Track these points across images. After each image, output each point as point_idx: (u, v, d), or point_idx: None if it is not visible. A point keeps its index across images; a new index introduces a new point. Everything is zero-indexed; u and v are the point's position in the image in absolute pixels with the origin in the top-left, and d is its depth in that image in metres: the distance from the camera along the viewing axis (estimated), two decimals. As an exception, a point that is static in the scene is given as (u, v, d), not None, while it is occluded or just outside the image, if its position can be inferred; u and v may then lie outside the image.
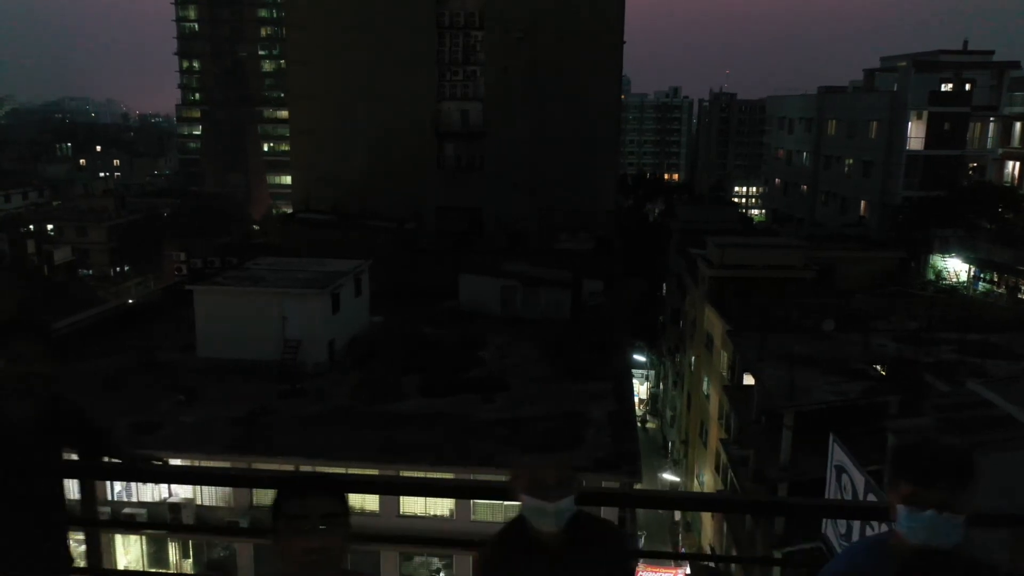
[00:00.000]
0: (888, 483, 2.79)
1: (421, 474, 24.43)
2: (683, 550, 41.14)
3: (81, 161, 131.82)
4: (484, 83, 54.16)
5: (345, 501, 2.82)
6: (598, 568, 3.04)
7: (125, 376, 30.34)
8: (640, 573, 38.64)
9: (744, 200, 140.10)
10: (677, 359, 51.75)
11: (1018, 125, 52.35)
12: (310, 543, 2.65)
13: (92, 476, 4.51)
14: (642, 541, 39.64)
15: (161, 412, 27.22)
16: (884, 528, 3.07)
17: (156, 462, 4.17)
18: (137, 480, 19.09)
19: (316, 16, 53.24)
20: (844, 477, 17.18)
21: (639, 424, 61.01)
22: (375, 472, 24.28)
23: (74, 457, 3.93)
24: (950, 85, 53.46)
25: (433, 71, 53.97)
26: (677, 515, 46.75)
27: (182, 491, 24.77)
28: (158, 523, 22.70)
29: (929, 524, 2.63)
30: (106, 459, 4.09)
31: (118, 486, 24.45)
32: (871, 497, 15.95)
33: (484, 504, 24.78)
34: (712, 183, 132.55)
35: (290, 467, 23.97)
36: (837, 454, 17.60)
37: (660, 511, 48.28)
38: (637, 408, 63.44)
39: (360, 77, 53.15)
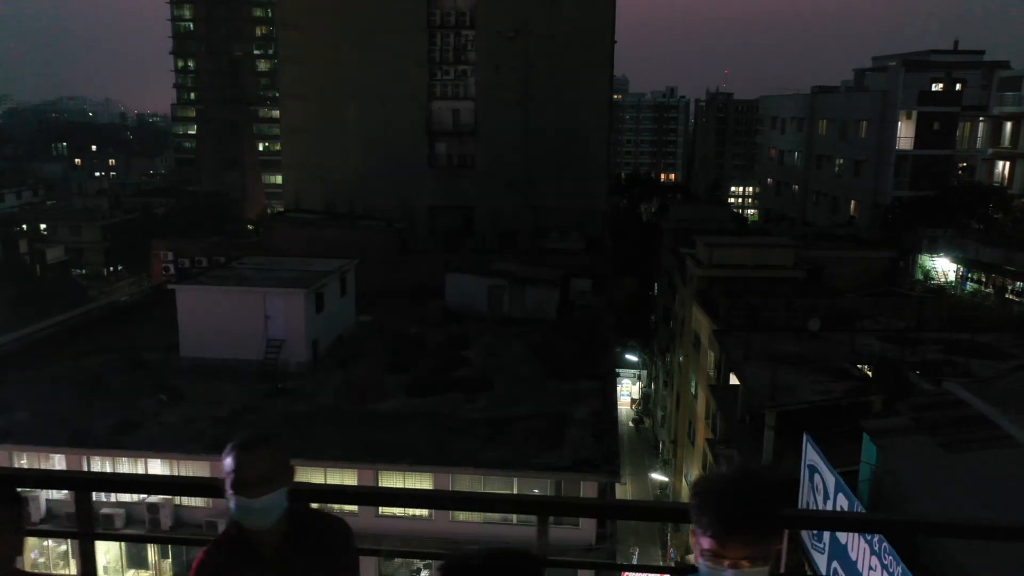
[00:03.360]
0: (694, 531, 2.35)
1: (400, 474, 24.41)
2: (672, 551, 41.16)
3: (77, 160, 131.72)
4: (475, 82, 54.10)
5: (12, 503, 2.64)
6: (318, 563, 2.92)
7: (109, 375, 30.33)
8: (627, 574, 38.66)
9: (741, 200, 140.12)
10: (668, 359, 51.70)
11: (1008, 125, 52.30)
12: None
13: None
14: (635, 556, 39.63)
15: (143, 412, 27.17)
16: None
17: None
18: None
19: (307, 15, 53.19)
20: (816, 477, 17.15)
21: (633, 424, 61.13)
22: (355, 471, 24.26)
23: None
24: (940, 85, 53.42)
25: (424, 70, 53.90)
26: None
27: (161, 491, 24.70)
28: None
29: None
30: None
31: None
32: (841, 496, 15.91)
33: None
34: (709, 183, 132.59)
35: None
36: (810, 454, 17.56)
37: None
38: (631, 408, 63.55)
39: (351, 76, 53.11)
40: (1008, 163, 52.46)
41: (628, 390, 65.23)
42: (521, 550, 2.09)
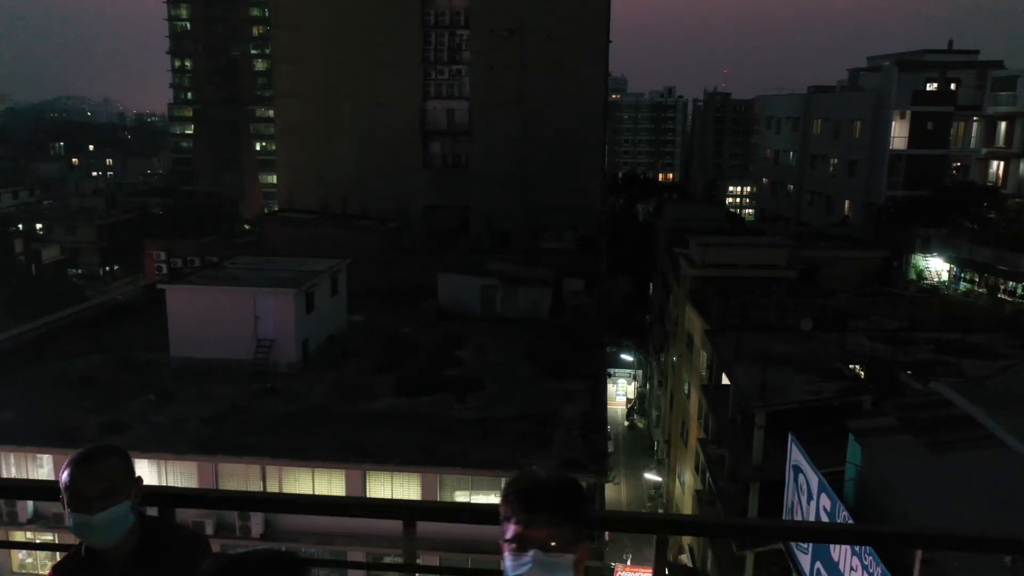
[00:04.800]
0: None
1: (388, 475, 24.39)
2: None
3: (74, 160, 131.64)
4: (470, 82, 54.08)
5: None
6: None
7: (99, 375, 30.27)
8: (619, 573, 38.68)
9: (739, 200, 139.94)
10: (662, 359, 51.65)
11: (1002, 125, 52.27)
12: None
13: None
14: (629, 559, 39.74)
15: (132, 412, 27.13)
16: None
17: None
18: None
19: (302, 15, 53.17)
20: (801, 477, 17.12)
21: (627, 424, 61.09)
22: (343, 472, 24.29)
23: None
24: (935, 85, 53.42)
25: (418, 70, 53.90)
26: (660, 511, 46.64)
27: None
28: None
29: (534, 567, 2.21)
30: None
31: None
32: (824, 497, 15.89)
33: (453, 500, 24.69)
34: (706, 182, 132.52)
35: (256, 467, 23.91)
36: (795, 454, 17.54)
37: (644, 508, 48.28)
38: (626, 408, 63.51)
39: (346, 76, 53.11)
40: (1002, 163, 52.44)
41: (624, 390, 65.21)
42: (285, 553, 2.07)
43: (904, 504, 15.75)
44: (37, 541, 24.67)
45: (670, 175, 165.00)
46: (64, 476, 2.65)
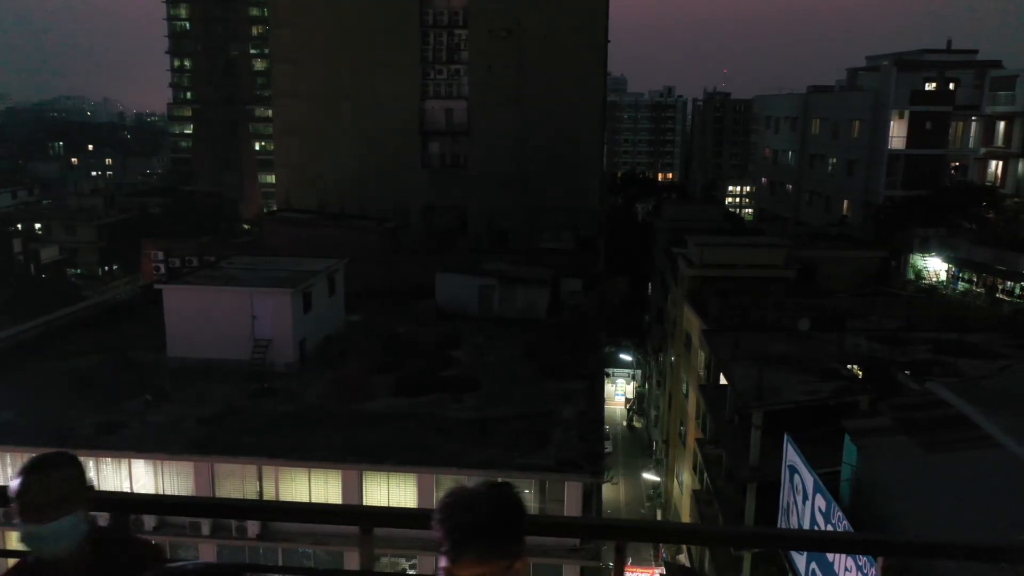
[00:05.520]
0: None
1: (384, 475, 24.38)
2: (663, 551, 41.21)
3: (73, 160, 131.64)
4: (468, 82, 54.09)
5: None
6: None
7: (97, 375, 30.24)
8: (617, 573, 38.72)
9: (738, 200, 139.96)
10: (661, 359, 51.66)
11: (1001, 124, 52.25)
12: None
13: None
14: (630, 559, 39.75)
15: (128, 412, 27.09)
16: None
17: None
18: None
19: (301, 15, 53.18)
20: (796, 477, 17.11)
21: (626, 424, 61.10)
22: (339, 472, 24.29)
23: None
24: (934, 84, 53.42)
25: (417, 70, 53.90)
26: (659, 513, 46.79)
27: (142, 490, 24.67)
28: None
29: None
30: None
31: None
32: (819, 496, 15.88)
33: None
34: (706, 182, 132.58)
35: (253, 467, 23.89)
36: (790, 454, 17.53)
37: (643, 508, 48.35)
38: (625, 408, 63.55)
39: (344, 76, 53.11)
40: (1001, 163, 52.43)
41: (622, 390, 65.22)
42: (224, 566, 2.06)
43: (900, 505, 15.74)
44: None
45: (669, 175, 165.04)
46: (15, 484, 2.58)
